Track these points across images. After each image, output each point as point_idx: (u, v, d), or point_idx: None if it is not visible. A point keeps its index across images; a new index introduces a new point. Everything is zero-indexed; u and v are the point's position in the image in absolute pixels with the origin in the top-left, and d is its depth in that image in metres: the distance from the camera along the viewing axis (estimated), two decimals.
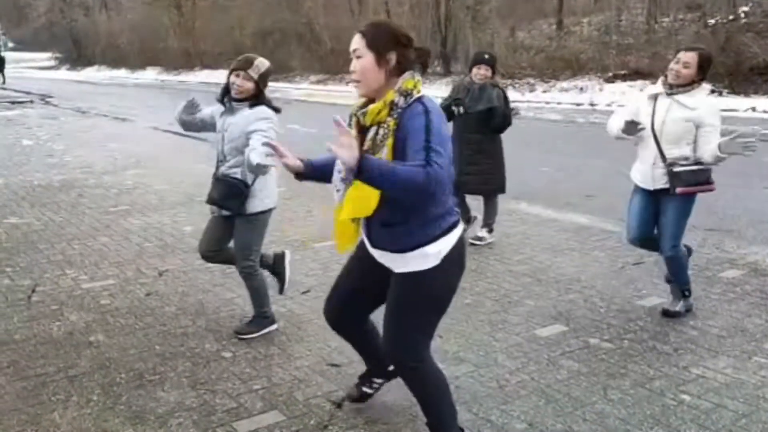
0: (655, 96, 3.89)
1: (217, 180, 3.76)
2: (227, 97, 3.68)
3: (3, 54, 32.59)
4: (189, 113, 3.88)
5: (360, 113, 2.36)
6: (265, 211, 3.76)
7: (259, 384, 3.29)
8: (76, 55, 56.58)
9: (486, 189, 5.63)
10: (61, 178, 8.99)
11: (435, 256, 2.39)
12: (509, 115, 5.51)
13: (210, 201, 3.80)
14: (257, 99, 3.64)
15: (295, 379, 3.32)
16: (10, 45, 76.65)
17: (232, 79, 3.61)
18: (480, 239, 5.57)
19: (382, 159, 2.22)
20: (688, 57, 3.75)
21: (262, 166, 2.91)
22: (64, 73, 51.38)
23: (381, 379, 3.02)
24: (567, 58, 21.49)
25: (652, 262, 4.80)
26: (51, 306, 4.37)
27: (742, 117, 13.87)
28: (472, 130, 5.53)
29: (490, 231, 5.64)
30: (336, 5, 31.30)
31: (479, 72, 5.50)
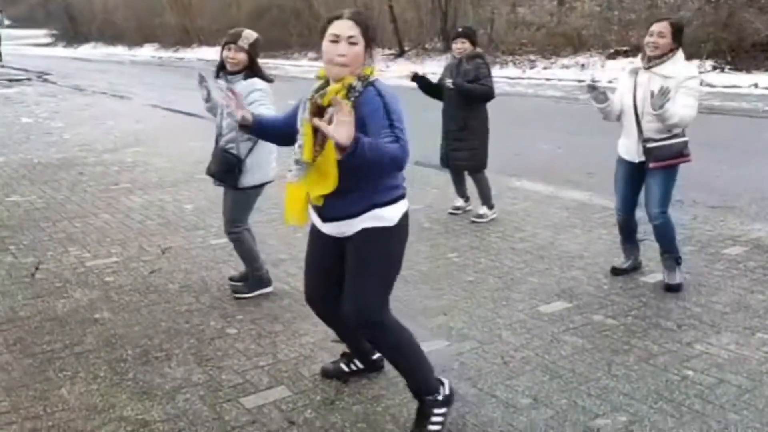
0: (636, 71, 3.98)
1: (215, 153, 3.96)
2: (223, 72, 3.86)
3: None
4: (205, 95, 3.97)
5: (318, 95, 2.44)
6: (257, 186, 3.95)
7: (265, 360, 3.30)
8: (72, 32, 56.07)
9: (471, 165, 5.64)
10: (61, 156, 8.95)
11: (387, 218, 2.52)
12: (490, 86, 5.44)
13: (208, 172, 4.00)
14: (251, 70, 3.82)
15: (301, 356, 3.34)
16: (6, 22, 76.01)
17: (224, 54, 3.81)
18: (481, 216, 5.58)
19: (368, 138, 2.25)
20: (661, 27, 3.84)
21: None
22: (60, 50, 50.99)
23: (362, 366, 3.10)
24: (568, 34, 21.32)
25: (654, 239, 4.79)
26: (55, 283, 4.38)
27: (743, 93, 13.81)
28: (457, 106, 5.55)
29: (490, 207, 5.64)
30: None
31: (456, 46, 5.55)
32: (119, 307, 3.99)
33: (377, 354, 3.09)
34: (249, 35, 3.81)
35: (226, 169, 3.85)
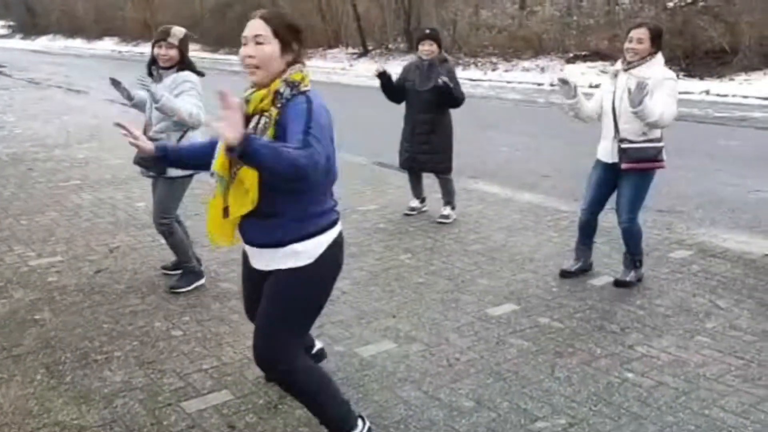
0: (616, 73, 4.04)
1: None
2: (155, 67, 3.99)
3: None
4: (126, 95, 4.12)
5: (243, 100, 2.28)
6: (185, 177, 4.02)
7: (209, 363, 3.26)
8: (30, 24, 54.66)
9: (439, 167, 5.65)
10: (11, 151, 8.72)
11: (307, 254, 2.32)
12: (460, 90, 5.45)
13: (135, 161, 3.88)
14: (183, 64, 3.97)
15: (246, 359, 3.30)
16: None
17: (156, 51, 3.97)
18: (446, 217, 5.61)
19: (264, 141, 2.12)
20: (640, 33, 3.90)
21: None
22: (17, 42, 49.66)
23: None
24: (529, 38, 21.53)
25: (603, 242, 4.87)
26: None
27: (695, 100, 14.13)
28: (424, 109, 5.51)
29: (453, 208, 5.67)
30: None
31: (424, 48, 5.49)
32: (61, 308, 3.89)
33: (316, 347, 3.11)
34: (178, 32, 3.95)
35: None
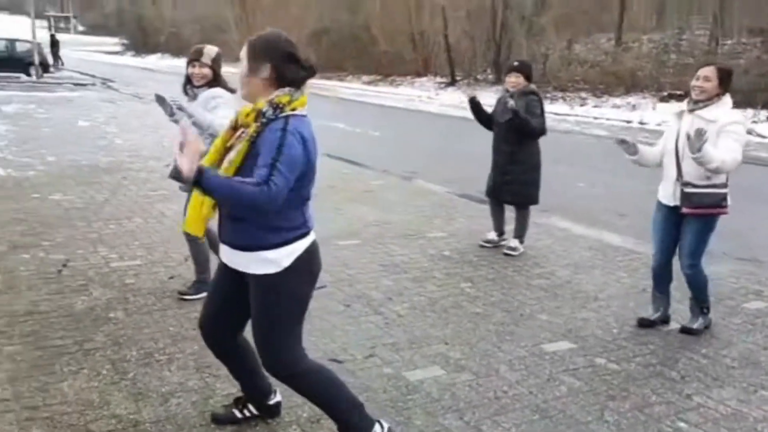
0: (681, 113, 3.94)
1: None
2: (189, 86, 4.22)
3: (57, 37, 33.64)
4: (168, 111, 4.23)
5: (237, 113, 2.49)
6: None
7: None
8: (141, 42, 58.13)
9: (517, 200, 5.62)
10: (109, 159, 9.30)
11: (275, 263, 2.43)
12: (542, 123, 5.44)
13: (171, 176, 4.12)
14: (216, 82, 4.17)
15: None
16: (80, 29, 79.36)
17: (189, 70, 4.13)
18: (513, 250, 5.55)
19: (219, 174, 2.29)
20: (707, 71, 3.80)
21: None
22: (128, 59, 52.86)
23: (257, 412, 2.90)
24: (622, 74, 21.09)
25: (673, 287, 4.70)
26: (78, 281, 4.56)
27: None
28: (504, 140, 5.55)
29: (521, 242, 5.62)
30: (394, 9, 31.38)
31: (510, 80, 5.51)
32: (133, 309, 4.12)
33: (274, 399, 2.92)
34: (210, 51, 4.17)
35: None
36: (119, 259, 5.06)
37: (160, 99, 4.25)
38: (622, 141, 4.06)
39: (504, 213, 5.83)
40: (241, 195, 2.24)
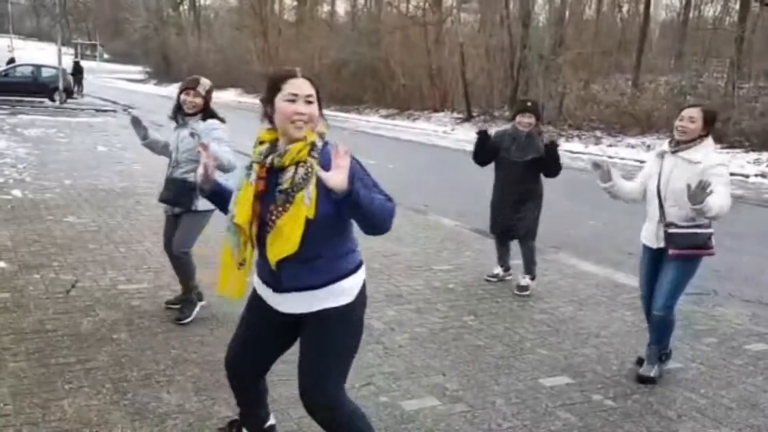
0: (662, 154, 3.90)
1: (170, 181, 4.39)
2: (179, 114, 4.33)
3: (81, 63, 34.34)
4: (142, 134, 4.52)
5: (275, 156, 2.35)
6: (209, 211, 4.32)
7: None
8: (164, 71, 59.22)
9: (528, 236, 5.61)
10: (124, 184, 9.46)
11: (349, 291, 2.45)
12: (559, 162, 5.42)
13: (162, 199, 4.43)
14: (206, 112, 4.31)
15: (293, 396, 3.36)
16: (105, 56, 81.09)
17: (183, 97, 4.28)
18: (524, 288, 5.46)
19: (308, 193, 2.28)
20: (692, 112, 3.77)
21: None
22: (151, 87, 53.81)
23: None
24: (638, 115, 21.18)
25: (677, 326, 4.69)
26: (86, 302, 4.64)
27: None
28: (518, 179, 5.49)
29: (533, 278, 5.57)
30: (413, 44, 31.84)
31: (524, 120, 5.46)
32: (137, 331, 4.19)
33: (269, 422, 2.92)
34: (205, 83, 4.33)
35: (182, 193, 4.28)
36: (127, 282, 5.14)
37: (135, 121, 4.42)
38: (596, 165, 4.03)
39: (509, 248, 5.85)
40: (384, 206, 2.29)
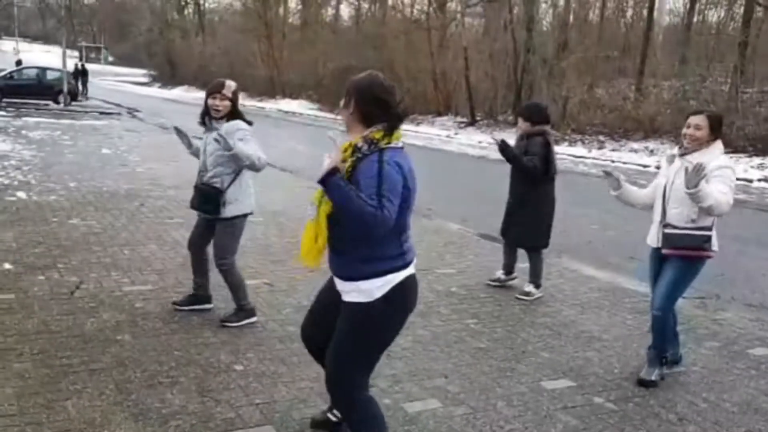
0: (672, 158, 3.95)
1: (197, 188, 4.44)
2: (207, 118, 4.31)
3: (87, 66, 34.54)
4: (186, 142, 4.56)
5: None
6: (240, 216, 4.36)
7: (261, 399, 3.43)
8: (169, 74, 59.38)
9: (520, 242, 5.64)
10: (129, 187, 9.49)
11: (367, 293, 2.56)
12: (534, 164, 5.31)
13: (192, 206, 4.54)
14: (233, 115, 4.31)
15: (296, 399, 3.44)
16: (110, 59, 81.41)
17: (210, 102, 4.25)
18: (528, 294, 5.46)
19: (347, 184, 2.43)
20: (698, 120, 3.79)
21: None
22: (155, 90, 53.98)
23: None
24: (641, 119, 21.17)
25: (679, 330, 4.69)
26: (90, 303, 4.66)
27: None
28: (514, 182, 5.61)
29: (537, 286, 5.54)
30: (417, 48, 31.88)
31: (518, 124, 5.68)
32: (140, 333, 4.21)
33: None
34: (231, 85, 4.32)
35: (206, 200, 4.33)
36: (131, 284, 5.16)
37: (178, 131, 4.45)
38: (607, 174, 4.12)
39: (515, 253, 5.84)
40: (354, 205, 2.38)
